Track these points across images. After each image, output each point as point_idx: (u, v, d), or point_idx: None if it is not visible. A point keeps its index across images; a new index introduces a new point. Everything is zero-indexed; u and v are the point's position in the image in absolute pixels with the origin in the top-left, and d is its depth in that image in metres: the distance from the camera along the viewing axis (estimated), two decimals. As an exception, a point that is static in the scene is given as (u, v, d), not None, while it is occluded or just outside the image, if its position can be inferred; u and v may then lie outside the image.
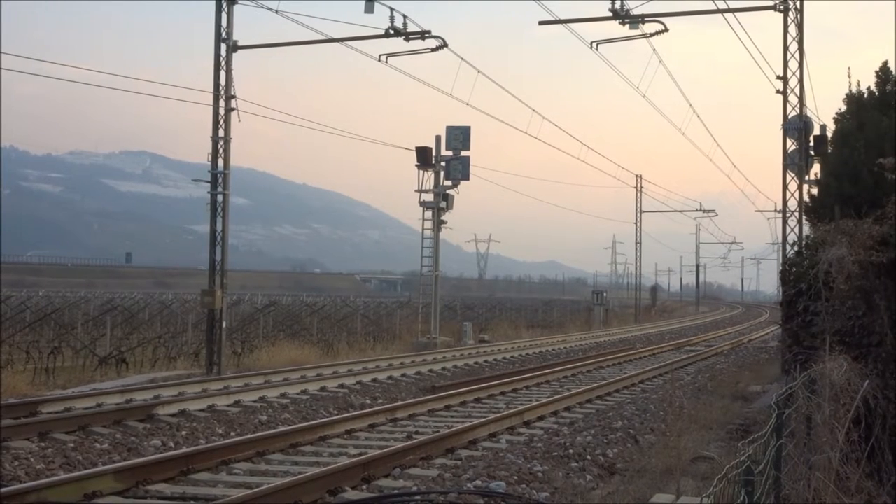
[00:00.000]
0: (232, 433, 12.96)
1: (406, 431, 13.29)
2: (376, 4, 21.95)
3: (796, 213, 23.48)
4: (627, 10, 22.64)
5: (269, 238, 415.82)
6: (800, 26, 23.22)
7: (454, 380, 20.26)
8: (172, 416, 13.66)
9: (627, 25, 23.00)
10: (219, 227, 22.50)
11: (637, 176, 68.17)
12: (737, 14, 23.41)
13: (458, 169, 32.02)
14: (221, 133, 22.45)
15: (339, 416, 14.02)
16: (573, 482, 9.94)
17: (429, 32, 23.52)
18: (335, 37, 24.05)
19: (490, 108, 28.47)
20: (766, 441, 5.72)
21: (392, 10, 22.59)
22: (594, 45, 24.66)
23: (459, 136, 32.04)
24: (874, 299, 10.77)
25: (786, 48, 23.24)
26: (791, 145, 23.18)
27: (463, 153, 32.01)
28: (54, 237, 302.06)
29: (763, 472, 5.36)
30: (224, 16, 22.56)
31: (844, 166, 20.95)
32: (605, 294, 64.83)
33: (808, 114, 23.31)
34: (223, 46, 22.61)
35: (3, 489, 8.61)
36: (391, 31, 22.82)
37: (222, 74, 22.57)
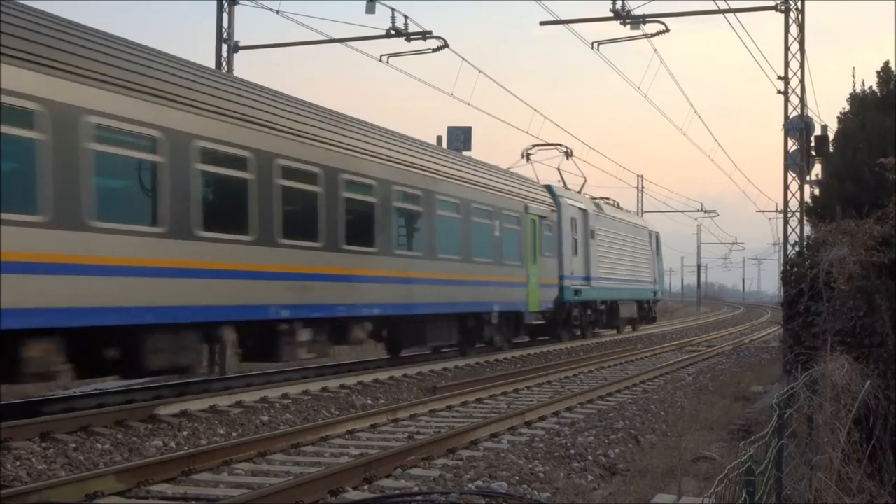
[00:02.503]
0: (233, 433, 12.96)
1: (407, 432, 13.28)
2: (377, 5, 22.01)
3: (797, 214, 23.52)
4: (628, 11, 22.70)
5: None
6: (801, 26, 23.25)
7: (456, 380, 20.24)
8: (174, 416, 13.65)
9: (628, 26, 23.07)
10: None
11: (638, 176, 68.32)
12: (738, 14, 23.51)
13: (460, 169, 32.08)
14: (223, 133, 22.46)
15: (340, 417, 14.02)
16: (574, 482, 9.94)
17: (430, 33, 23.57)
18: (336, 37, 24.11)
19: (491, 107, 28.69)
20: (768, 441, 5.72)
21: (393, 10, 22.66)
22: (595, 45, 24.73)
23: (461, 137, 32.12)
24: (875, 300, 10.79)
25: (787, 48, 23.28)
26: (792, 145, 23.22)
27: (464, 153, 32.06)
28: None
29: (764, 472, 5.36)
30: (225, 16, 22.61)
31: (846, 166, 20.99)
32: (606, 294, 64.63)
33: (809, 114, 23.38)
34: (224, 47, 22.65)
35: (4, 490, 8.62)
36: (392, 32, 22.86)
37: (223, 75, 22.62)
